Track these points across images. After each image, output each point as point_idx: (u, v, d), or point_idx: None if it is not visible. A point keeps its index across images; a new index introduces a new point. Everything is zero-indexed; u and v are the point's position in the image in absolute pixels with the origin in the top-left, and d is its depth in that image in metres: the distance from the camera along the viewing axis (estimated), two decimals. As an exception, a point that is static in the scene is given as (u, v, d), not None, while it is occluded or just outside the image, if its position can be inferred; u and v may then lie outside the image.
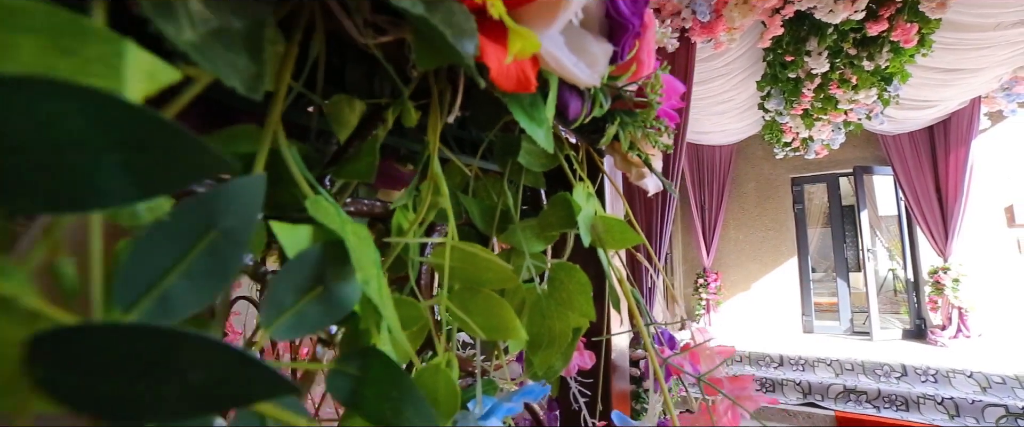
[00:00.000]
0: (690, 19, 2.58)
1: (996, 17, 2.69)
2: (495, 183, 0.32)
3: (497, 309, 0.23)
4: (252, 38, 0.14)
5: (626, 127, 0.31)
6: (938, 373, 3.62)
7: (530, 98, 0.23)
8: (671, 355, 0.38)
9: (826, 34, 2.61)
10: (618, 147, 0.33)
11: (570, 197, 0.29)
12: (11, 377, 0.09)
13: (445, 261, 0.21)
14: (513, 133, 0.31)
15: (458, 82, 0.23)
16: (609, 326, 0.43)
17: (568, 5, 0.19)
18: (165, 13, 0.12)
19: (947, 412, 3.32)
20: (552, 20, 0.19)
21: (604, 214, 0.32)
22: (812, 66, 2.78)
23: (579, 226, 0.29)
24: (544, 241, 0.32)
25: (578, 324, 0.31)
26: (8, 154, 0.08)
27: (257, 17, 0.15)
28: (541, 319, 0.29)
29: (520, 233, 0.29)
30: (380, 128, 0.24)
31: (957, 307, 4.42)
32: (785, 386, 3.95)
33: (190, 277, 0.12)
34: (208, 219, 0.12)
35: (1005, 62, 3.18)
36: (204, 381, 0.10)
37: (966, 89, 3.70)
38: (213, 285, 0.12)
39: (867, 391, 3.64)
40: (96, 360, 0.09)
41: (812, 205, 5.98)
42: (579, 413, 0.46)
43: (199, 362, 0.10)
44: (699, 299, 5.62)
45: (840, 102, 3.40)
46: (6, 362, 0.09)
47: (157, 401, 0.10)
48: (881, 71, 2.87)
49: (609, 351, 0.45)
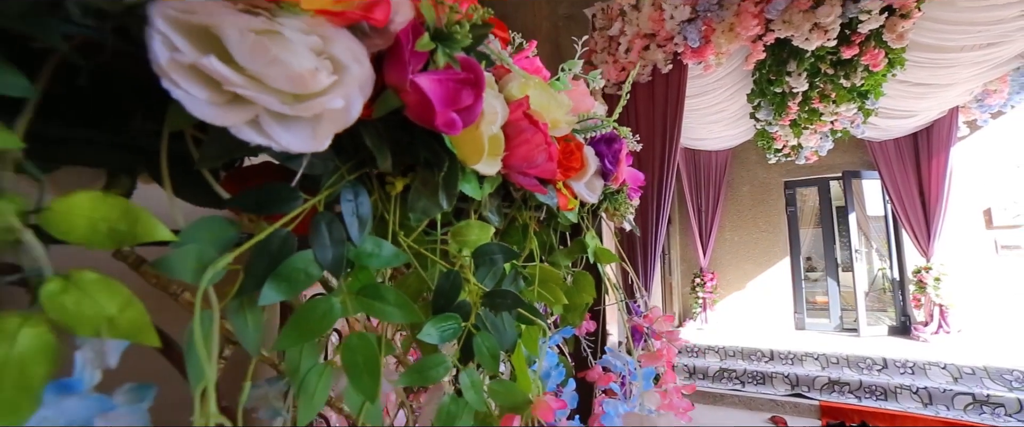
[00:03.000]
0: (682, 44, 2.91)
1: (959, 41, 3.02)
2: (545, 230, 0.65)
3: (555, 291, 0.56)
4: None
5: (610, 202, 0.64)
6: (915, 366, 3.96)
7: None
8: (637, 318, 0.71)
9: (804, 58, 2.95)
10: (608, 210, 0.66)
11: (584, 240, 0.61)
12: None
13: (536, 271, 0.54)
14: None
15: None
16: (603, 303, 0.76)
17: (588, 173, 0.52)
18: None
19: (921, 401, 3.66)
20: (581, 179, 0.51)
21: (600, 245, 0.65)
22: (793, 85, 3.12)
23: (588, 252, 0.62)
24: (570, 259, 0.65)
25: (587, 300, 0.64)
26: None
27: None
28: (570, 297, 0.62)
29: (559, 256, 0.62)
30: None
31: (938, 304, 4.76)
32: (775, 378, 4.28)
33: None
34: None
35: (972, 78, 3.52)
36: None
37: (942, 101, 4.03)
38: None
39: (850, 382, 3.98)
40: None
41: (805, 207, 6.31)
42: (586, 357, 0.79)
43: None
44: (696, 297, 5.95)
45: (823, 114, 3.73)
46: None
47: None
48: (857, 88, 3.20)
49: (604, 321, 0.78)
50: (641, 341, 0.77)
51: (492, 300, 0.40)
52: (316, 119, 0.24)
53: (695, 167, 5.91)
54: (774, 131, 4.41)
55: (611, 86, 3.17)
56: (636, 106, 3.10)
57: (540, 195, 0.47)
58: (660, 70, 3.01)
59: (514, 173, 0.40)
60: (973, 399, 3.46)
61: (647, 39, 3.02)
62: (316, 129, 0.24)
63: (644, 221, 3.04)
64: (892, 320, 5.32)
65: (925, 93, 3.84)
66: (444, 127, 0.30)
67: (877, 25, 2.54)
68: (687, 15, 2.85)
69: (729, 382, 4.41)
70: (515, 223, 0.51)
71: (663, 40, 2.96)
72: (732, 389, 4.30)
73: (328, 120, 0.24)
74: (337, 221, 0.31)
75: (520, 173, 0.41)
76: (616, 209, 0.64)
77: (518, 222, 0.51)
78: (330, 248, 0.29)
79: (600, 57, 3.21)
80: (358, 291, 0.31)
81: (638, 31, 3.04)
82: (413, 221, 0.34)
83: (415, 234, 0.39)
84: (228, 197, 0.27)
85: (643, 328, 0.70)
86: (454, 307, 0.38)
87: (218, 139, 0.23)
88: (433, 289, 0.37)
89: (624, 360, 0.63)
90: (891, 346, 4.51)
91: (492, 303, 0.40)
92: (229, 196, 0.27)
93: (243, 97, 0.21)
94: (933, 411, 3.56)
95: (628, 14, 3.09)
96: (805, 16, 2.60)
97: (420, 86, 0.29)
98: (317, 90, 0.23)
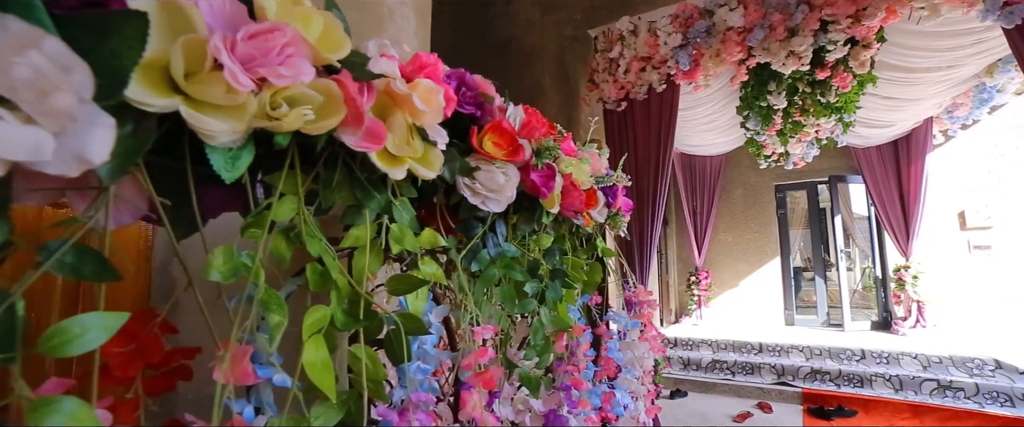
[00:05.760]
0: (674, 67, 3.33)
1: (922, 63, 3.46)
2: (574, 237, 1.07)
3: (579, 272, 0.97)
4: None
5: (611, 220, 1.05)
6: (890, 356, 4.40)
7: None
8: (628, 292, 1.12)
9: (783, 79, 3.37)
10: (610, 224, 1.08)
11: (595, 242, 1.02)
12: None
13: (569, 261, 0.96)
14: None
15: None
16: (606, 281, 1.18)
17: (599, 205, 0.93)
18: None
19: (893, 387, 4.10)
20: (595, 209, 0.92)
21: (605, 246, 1.07)
22: (774, 102, 3.54)
23: (599, 251, 1.04)
24: (587, 254, 1.07)
25: (597, 280, 1.06)
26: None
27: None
28: (588, 277, 1.04)
29: (582, 253, 1.04)
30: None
31: (916, 301, 5.21)
32: (762, 369, 4.72)
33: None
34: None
35: (938, 94, 3.96)
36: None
37: (914, 113, 4.47)
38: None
39: (830, 371, 4.41)
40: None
41: (797, 209, 6.74)
42: (595, 319, 1.21)
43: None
44: (692, 295, 6.39)
45: (805, 126, 4.15)
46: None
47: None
48: (832, 105, 3.63)
49: (607, 296, 1.20)
50: (632, 308, 1.19)
51: (553, 274, 0.82)
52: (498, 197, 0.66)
53: (691, 171, 6.33)
54: (763, 139, 4.84)
55: (612, 103, 3.59)
56: (634, 121, 3.53)
57: (573, 219, 0.89)
58: (655, 89, 3.43)
59: (564, 210, 0.82)
60: (938, 384, 3.91)
61: (644, 61, 3.45)
62: (499, 201, 0.66)
63: (640, 220, 3.45)
64: (875, 316, 5.76)
65: (899, 106, 4.28)
66: (543, 194, 0.72)
67: (842, 54, 2.96)
68: (679, 41, 3.28)
69: (721, 372, 4.84)
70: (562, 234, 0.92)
71: (658, 63, 3.39)
72: (723, 378, 4.73)
73: (505, 198, 0.66)
74: (493, 237, 0.73)
75: (567, 209, 0.82)
76: (615, 224, 1.05)
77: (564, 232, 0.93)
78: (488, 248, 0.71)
79: (602, 77, 3.63)
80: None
81: (635, 54, 3.46)
82: (529, 237, 0.76)
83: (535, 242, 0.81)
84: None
85: (632, 299, 1.12)
86: (536, 276, 0.80)
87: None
88: (527, 268, 0.79)
89: (621, 316, 1.05)
90: (871, 339, 4.95)
91: (553, 275, 0.82)
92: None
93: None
94: (903, 396, 4.00)
95: (627, 38, 3.51)
96: (781, 44, 3.02)
97: (533, 179, 0.71)
98: (504, 189, 0.65)
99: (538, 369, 0.79)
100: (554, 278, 0.83)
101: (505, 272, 0.71)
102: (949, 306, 5.14)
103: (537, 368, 0.79)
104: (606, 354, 1.01)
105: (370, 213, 0.49)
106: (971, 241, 5.17)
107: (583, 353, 0.83)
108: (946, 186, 5.25)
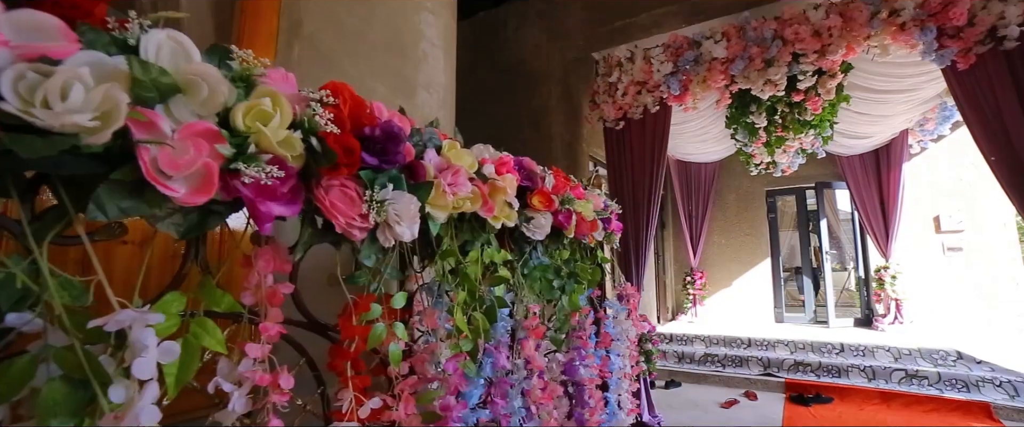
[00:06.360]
0: (666, 91, 3.80)
1: (886, 86, 3.92)
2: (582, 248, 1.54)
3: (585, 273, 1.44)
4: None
5: (607, 238, 1.51)
6: (866, 349, 4.86)
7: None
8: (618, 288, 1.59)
9: (762, 103, 3.84)
10: (607, 240, 1.54)
11: (596, 252, 1.49)
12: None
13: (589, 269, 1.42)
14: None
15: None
16: (603, 279, 1.65)
17: (599, 229, 1.40)
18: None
19: (867, 377, 4.56)
20: (596, 232, 1.39)
21: (603, 255, 1.54)
22: (755, 122, 4.01)
23: (599, 260, 1.50)
24: (590, 261, 1.54)
25: (597, 278, 1.53)
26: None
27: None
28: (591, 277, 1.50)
29: (586, 260, 1.50)
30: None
31: (895, 299, 5.66)
32: (750, 361, 5.18)
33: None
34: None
35: (908, 111, 4.42)
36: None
37: (889, 126, 4.93)
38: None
39: (811, 363, 4.87)
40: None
41: (787, 212, 7.20)
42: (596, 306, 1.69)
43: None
44: (687, 294, 6.85)
45: (788, 139, 4.61)
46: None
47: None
48: (809, 122, 4.09)
49: (604, 290, 1.67)
50: (622, 299, 1.66)
51: (569, 275, 1.29)
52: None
53: (687, 178, 6.79)
54: (751, 150, 5.30)
55: (611, 122, 4.06)
56: (631, 138, 3.99)
57: (583, 239, 1.36)
58: (650, 110, 3.90)
59: (577, 234, 1.29)
60: (905, 374, 4.37)
61: (639, 85, 3.91)
62: (541, 234, 1.13)
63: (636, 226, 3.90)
64: (858, 313, 6.21)
65: (873, 121, 4.74)
66: (564, 226, 1.19)
67: (812, 83, 3.42)
68: (670, 69, 3.75)
69: (712, 365, 5.31)
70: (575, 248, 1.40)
71: (652, 87, 3.85)
72: (714, 370, 5.20)
73: (544, 232, 1.13)
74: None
75: (579, 234, 1.29)
76: (610, 241, 1.52)
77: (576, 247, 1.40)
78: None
79: (602, 98, 4.10)
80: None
81: (632, 79, 3.93)
82: (555, 252, 1.24)
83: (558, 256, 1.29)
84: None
85: (621, 292, 1.59)
86: (559, 276, 1.27)
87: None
88: (554, 270, 1.27)
89: (614, 303, 1.51)
90: (852, 334, 5.41)
91: (569, 276, 1.29)
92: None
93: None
94: (875, 384, 4.46)
95: (624, 65, 3.98)
96: (759, 73, 3.49)
97: (560, 219, 1.18)
98: (544, 228, 1.12)
99: (559, 335, 1.26)
100: (570, 278, 1.30)
101: (541, 274, 1.19)
102: (925, 303, 5.59)
103: (558, 333, 1.26)
104: (604, 329, 1.47)
105: (480, 243, 0.97)
106: (945, 243, 5.62)
107: (588, 326, 1.30)
108: (922, 192, 5.70)
